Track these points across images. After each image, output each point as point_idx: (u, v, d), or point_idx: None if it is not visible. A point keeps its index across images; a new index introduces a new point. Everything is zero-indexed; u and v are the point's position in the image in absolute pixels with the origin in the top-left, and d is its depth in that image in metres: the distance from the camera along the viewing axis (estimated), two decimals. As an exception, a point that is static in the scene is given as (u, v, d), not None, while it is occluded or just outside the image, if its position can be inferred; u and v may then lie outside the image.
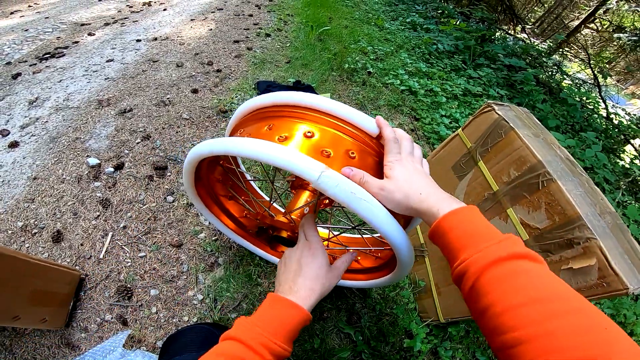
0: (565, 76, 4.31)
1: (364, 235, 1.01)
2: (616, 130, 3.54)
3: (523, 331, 0.31)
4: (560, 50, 5.72)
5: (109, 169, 1.45)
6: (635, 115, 4.95)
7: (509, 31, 5.47)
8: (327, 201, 0.79)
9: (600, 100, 3.96)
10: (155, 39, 2.65)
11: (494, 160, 0.87)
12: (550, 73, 4.15)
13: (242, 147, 0.50)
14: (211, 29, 2.93)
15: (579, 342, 0.29)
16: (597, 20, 6.36)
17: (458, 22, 3.92)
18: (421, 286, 1.22)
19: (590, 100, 3.98)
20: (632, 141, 3.50)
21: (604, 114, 3.78)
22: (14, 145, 1.56)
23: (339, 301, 1.18)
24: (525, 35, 5.77)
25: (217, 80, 2.14)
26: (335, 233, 1.06)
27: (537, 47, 4.65)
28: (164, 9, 3.39)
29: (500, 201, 0.86)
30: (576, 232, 0.69)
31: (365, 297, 1.20)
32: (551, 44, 5.63)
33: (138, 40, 2.61)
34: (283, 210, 1.07)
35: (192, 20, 3.12)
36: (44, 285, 0.91)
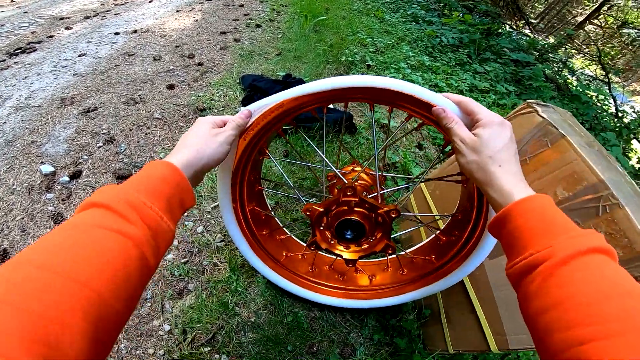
0: (571, 72, 4.12)
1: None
2: (626, 129, 3.35)
3: (603, 326, 0.28)
4: (567, 45, 5.55)
5: (63, 178, 1.25)
6: (640, 112, 4.75)
7: (512, 26, 5.29)
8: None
9: (610, 98, 3.77)
10: (135, 31, 2.45)
11: (534, 175, 0.66)
12: (556, 69, 3.95)
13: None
14: (197, 20, 2.72)
15: None
16: (602, 16, 6.18)
17: (462, 15, 3.71)
18: (426, 315, 1.04)
19: (600, 97, 3.79)
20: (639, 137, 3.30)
21: (612, 112, 3.59)
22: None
23: (330, 331, 1.03)
24: (529, 31, 5.57)
25: (197, 75, 1.94)
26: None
27: (543, 42, 4.46)
28: (150, 1, 3.19)
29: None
30: (649, 271, 0.51)
31: (362, 326, 1.05)
32: (559, 40, 5.43)
33: (116, 34, 2.41)
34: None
35: (177, 11, 2.92)
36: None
